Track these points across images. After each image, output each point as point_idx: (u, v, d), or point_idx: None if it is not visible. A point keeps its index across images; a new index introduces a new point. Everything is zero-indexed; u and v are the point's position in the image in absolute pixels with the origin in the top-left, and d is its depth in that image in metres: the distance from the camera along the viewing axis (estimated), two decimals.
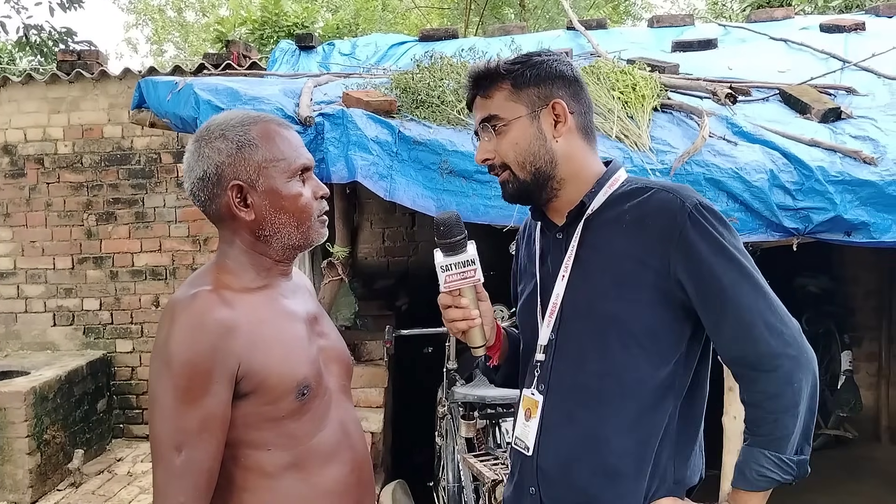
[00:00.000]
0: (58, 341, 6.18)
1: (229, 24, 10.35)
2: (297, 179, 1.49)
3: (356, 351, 4.24)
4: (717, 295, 1.44)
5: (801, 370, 1.42)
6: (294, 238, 1.50)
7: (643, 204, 1.53)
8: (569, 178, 1.59)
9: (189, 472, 1.32)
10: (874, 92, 3.97)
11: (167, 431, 1.33)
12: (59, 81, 6.06)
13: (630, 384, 1.51)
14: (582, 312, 1.56)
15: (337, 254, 4.07)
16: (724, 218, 1.51)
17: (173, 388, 1.32)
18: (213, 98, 3.26)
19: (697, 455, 1.62)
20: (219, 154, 1.45)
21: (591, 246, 1.57)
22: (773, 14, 5.70)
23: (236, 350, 1.36)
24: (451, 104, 3.45)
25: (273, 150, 1.47)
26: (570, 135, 1.58)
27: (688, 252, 1.45)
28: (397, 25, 15.31)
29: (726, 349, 1.49)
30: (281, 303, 1.52)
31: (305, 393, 1.44)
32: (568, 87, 1.59)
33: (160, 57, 20.89)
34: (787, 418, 1.42)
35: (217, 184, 1.46)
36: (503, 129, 1.57)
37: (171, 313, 1.37)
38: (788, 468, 1.43)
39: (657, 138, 3.22)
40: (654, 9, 19.62)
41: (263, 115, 1.53)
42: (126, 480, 5.25)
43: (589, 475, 1.53)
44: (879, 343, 5.67)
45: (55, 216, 6.13)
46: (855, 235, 3.05)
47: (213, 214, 1.51)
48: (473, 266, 1.58)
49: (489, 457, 3.35)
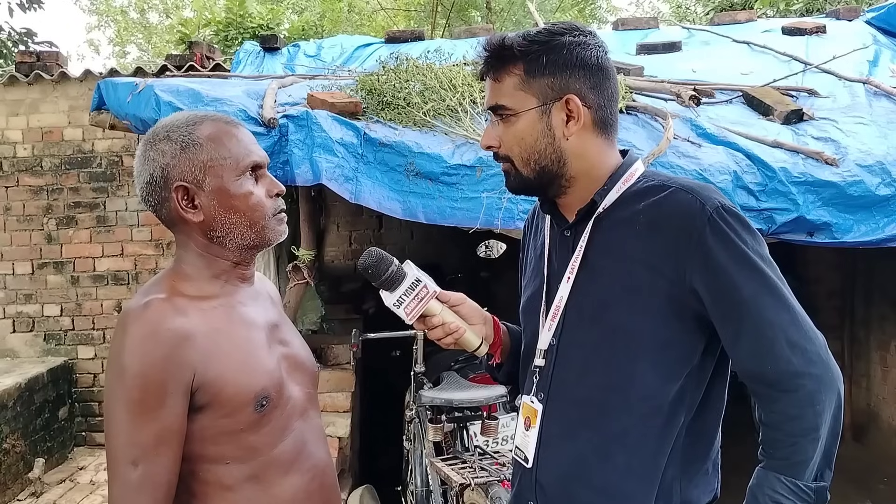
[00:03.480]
0: (17, 348, 6.05)
1: (193, 26, 10.23)
2: (248, 177, 1.45)
3: (323, 355, 4.19)
4: (736, 307, 1.33)
5: (824, 391, 1.31)
6: (248, 238, 1.46)
7: (659, 204, 1.39)
8: (579, 176, 1.46)
9: (146, 486, 1.29)
10: (835, 94, 4.03)
11: (122, 446, 1.29)
12: (17, 83, 5.93)
13: (636, 399, 1.40)
14: (587, 319, 1.45)
15: (302, 257, 4.02)
16: (749, 223, 1.38)
17: (126, 401, 1.28)
18: (173, 99, 3.22)
19: (710, 474, 1.50)
20: (163, 156, 1.42)
21: (600, 248, 1.45)
22: (735, 17, 5.78)
23: (190, 360, 1.32)
24: (417, 106, 3.43)
25: (219, 150, 1.43)
26: (583, 132, 1.44)
27: (706, 260, 1.33)
28: (363, 27, 15.27)
29: (744, 365, 1.36)
30: (238, 311, 1.48)
31: (265, 404, 1.41)
32: (589, 77, 1.42)
33: (123, 59, 20.65)
34: (807, 442, 1.31)
35: (164, 187, 1.42)
36: (511, 120, 1.44)
37: (124, 323, 1.33)
38: (805, 496, 1.32)
39: (622, 140, 3.23)
40: (619, 12, 19.84)
41: (211, 115, 1.50)
42: (88, 489, 5.14)
43: (590, 494, 1.44)
44: (842, 343, 5.75)
45: (14, 220, 6.00)
46: (817, 236, 3.09)
47: (165, 219, 1.47)
48: (421, 283, 1.48)
49: (457, 460, 3.33)
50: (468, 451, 3.46)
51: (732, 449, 2.21)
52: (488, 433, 3.49)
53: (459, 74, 3.65)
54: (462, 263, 5.36)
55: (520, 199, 3.02)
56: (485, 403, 3.49)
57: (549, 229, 1.60)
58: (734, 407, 1.80)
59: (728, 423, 1.60)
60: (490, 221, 3.13)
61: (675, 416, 1.41)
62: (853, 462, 5.05)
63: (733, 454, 2.21)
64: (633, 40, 5.34)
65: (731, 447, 2.21)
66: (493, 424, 3.47)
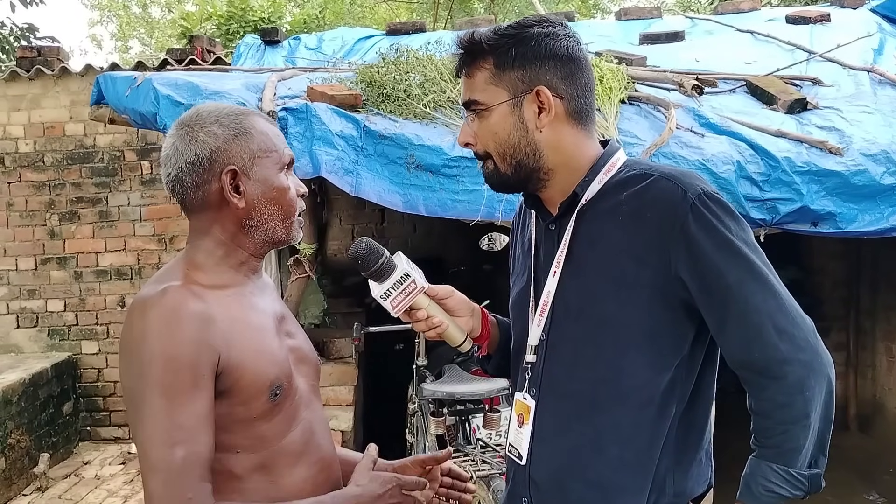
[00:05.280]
0: (21, 343, 6.05)
1: (195, 20, 10.21)
2: (286, 173, 1.48)
3: (325, 349, 4.18)
4: (721, 295, 1.32)
5: (813, 376, 1.30)
6: (279, 231, 1.47)
7: (641, 193, 1.39)
8: (557, 168, 1.45)
9: (191, 467, 1.26)
10: (839, 83, 4.00)
11: (161, 431, 1.26)
12: (18, 78, 5.92)
13: (627, 391, 1.39)
14: (574, 313, 1.45)
15: (304, 251, 4.01)
16: (733, 208, 1.38)
17: (160, 386, 1.26)
18: (172, 93, 3.20)
19: (703, 464, 1.50)
20: (215, 139, 1.42)
21: (584, 240, 1.44)
22: (739, 6, 5.73)
23: (215, 343, 1.31)
24: (418, 98, 3.41)
25: (266, 142, 1.45)
26: (556, 123, 1.42)
27: (690, 247, 1.32)
28: (365, 20, 15.23)
29: (732, 353, 1.36)
30: (251, 300, 1.48)
31: (278, 393, 1.41)
32: (559, 67, 1.41)
33: (125, 54, 20.60)
34: (798, 429, 1.31)
35: (209, 169, 1.41)
36: (483, 115, 1.44)
37: (141, 310, 1.31)
38: (798, 483, 1.32)
39: (625, 130, 3.20)
40: (622, 2, 19.71)
41: (251, 109, 1.53)
42: (93, 484, 5.15)
43: (583, 489, 1.44)
44: (847, 333, 5.72)
45: (17, 216, 5.99)
46: (821, 226, 3.07)
47: (196, 202, 1.45)
48: (410, 278, 1.49)
49: (459, 453, 3.33)
50: (470, 444, 3.46)
51: (733, 440, 2.19)
52: (490, 426, 3.49)
53: None
54: (464, 256, 5.34)
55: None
56: (487, 396, 3.49)
57: (535, 224, 1.59)
58: (734, 397, 1.78)
59: (728, 414, 1.58)
60: (491, 214, 3.11)
61: (668, 407, 1.41)
62: (859, 453, 5.04)
63: (734, 444, 2.20)
64: (636, 30, 5.31)
65: (732, 438, 2.20)
66: (495, 417, 3.47)
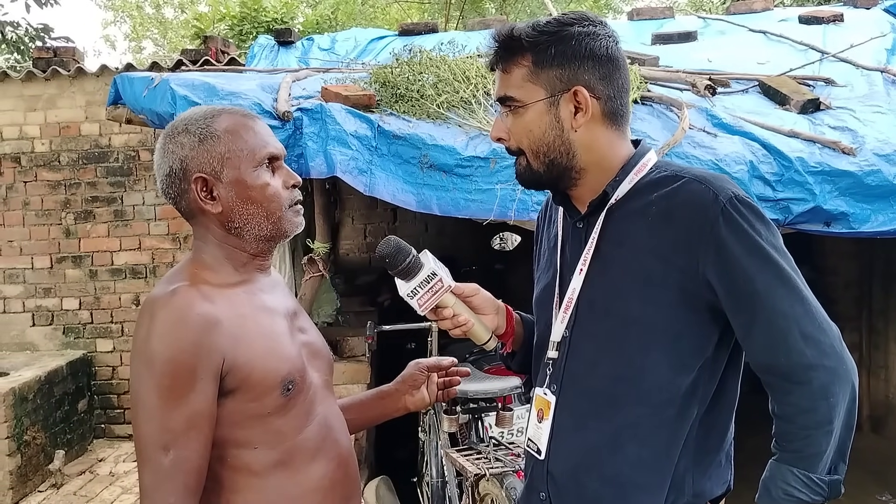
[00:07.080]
0: (37, 341, 6.11)
1: (208, 21, 10.25)
2: (265, 169, 1.47)
3: (338, 347, 4.21)
4: (749, 299, 1.32)
5: (838, 383, 1.30)
6: (265, 228, 1.47)
7: (672, 195, 1.38)
8: (590, 167, 1.45)
9: (178, 471, 1.30)
10: (852, 83, 4.00)
11: (153, 432, 1.30)
12: (35, 79, 5.97)
13: (648, 390, 1.40)
14: (599, 311, 1.45)
15: (317, 250, 4.03)
16: (763, 213, 1.37)
17: (157, 387, 1.29)
18: (189, 93, 3.23)
19: (723, 466, 1.50)
20: (182, 148, 1.44)
21: (613, 239, 1.44)
22: (752, 6, 5.73)
23: (220, 346, 1.33)
24: (431, 98, 3.43)
25: (236, 142, 1.45)
26: (592, 123, 1.42)
27: (719, 251, 1.32)
28: (377, 20, 15.25)
29: (757, 357, 1.36)
30: (261, 298, 1.49)
31: (290, 388, 1.43)
32: (598, 68, 1.41)
33: (139, 54, 20.71)
34: (820, 435, 1.30)
35: (183, 178, 1.44)
36: (519, 111, 1.43)
37: (151, 310, 1.34)
38: (818, 488, 1.31)
39: (637, 130, 3.21)
40: (635, 2, 19.66)
41: (228, 108, 1.52)
42: (108, 481, 5.19)
43: (600, 485, 1.44)
44: (860, 333, 5.70)
45: (33, 215, 6.05)
46: (834, 226, 3.07)
47: (184, 210, 1.49)
48: (437, 276, 1.49)
49: (472, 451, 3.34)
50: (483, 442, 3.47)
51: (748, 440, 2.20)
52: (503, 424, 3.50)
53: (473, 66, 3.65)
54: (477, 255, 5.36)
55: (533, 191, 3.02)
56: (499, 395, 3.50)
57: (562, 221, 1.59)
58: (750, 397, 1.79)
59: (744, 414, 1.59)
60: (504, 213, 3.13)
61: (688, 409, 1.41)
62: (872, 454, 5.02)
63: (749, 445, 2.20)
64: (649, 30, 5.32)
65: (747, 438, 2.20)
66: (507, 415, 3.48)
